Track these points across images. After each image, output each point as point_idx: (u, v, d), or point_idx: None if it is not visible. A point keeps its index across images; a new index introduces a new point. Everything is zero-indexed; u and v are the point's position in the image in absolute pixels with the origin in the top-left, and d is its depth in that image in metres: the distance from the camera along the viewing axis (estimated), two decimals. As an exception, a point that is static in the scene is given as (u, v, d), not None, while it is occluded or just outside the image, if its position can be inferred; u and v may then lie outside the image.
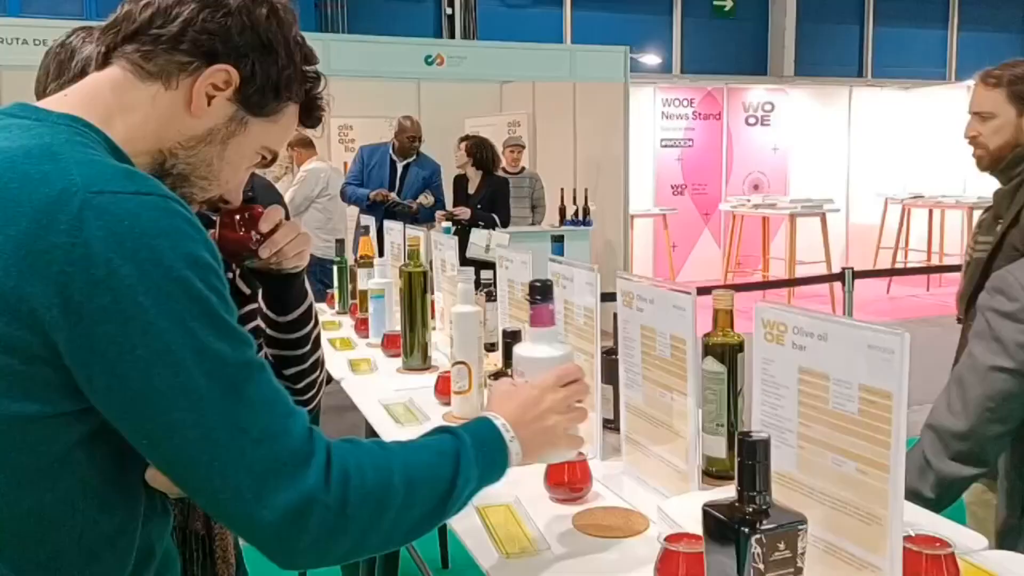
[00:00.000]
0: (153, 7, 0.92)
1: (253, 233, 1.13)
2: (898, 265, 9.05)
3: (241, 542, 1.41)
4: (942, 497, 1.46)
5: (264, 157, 1.03)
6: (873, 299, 8.43)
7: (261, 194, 5.13)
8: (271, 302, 1.22)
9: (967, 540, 1.12)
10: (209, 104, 0.93)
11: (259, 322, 1.25)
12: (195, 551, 1.19)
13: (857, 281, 4.84)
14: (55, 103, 0.91)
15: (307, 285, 1.24)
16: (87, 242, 0.75)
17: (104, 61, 0.94)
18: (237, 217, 1.13)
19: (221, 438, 0.79)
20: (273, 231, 1.14)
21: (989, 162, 2.08)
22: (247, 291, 1.27)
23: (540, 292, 1.15)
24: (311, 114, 1.05)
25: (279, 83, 0.97)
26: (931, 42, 12.86)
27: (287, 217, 1.18)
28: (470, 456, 0.95)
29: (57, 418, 0.79)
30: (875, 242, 9.63)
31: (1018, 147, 2.03)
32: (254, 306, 1.25)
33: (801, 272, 8.06)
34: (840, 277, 4.90)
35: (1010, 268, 1.52)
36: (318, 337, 1.28)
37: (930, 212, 9.23)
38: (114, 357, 0.76)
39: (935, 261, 8.90)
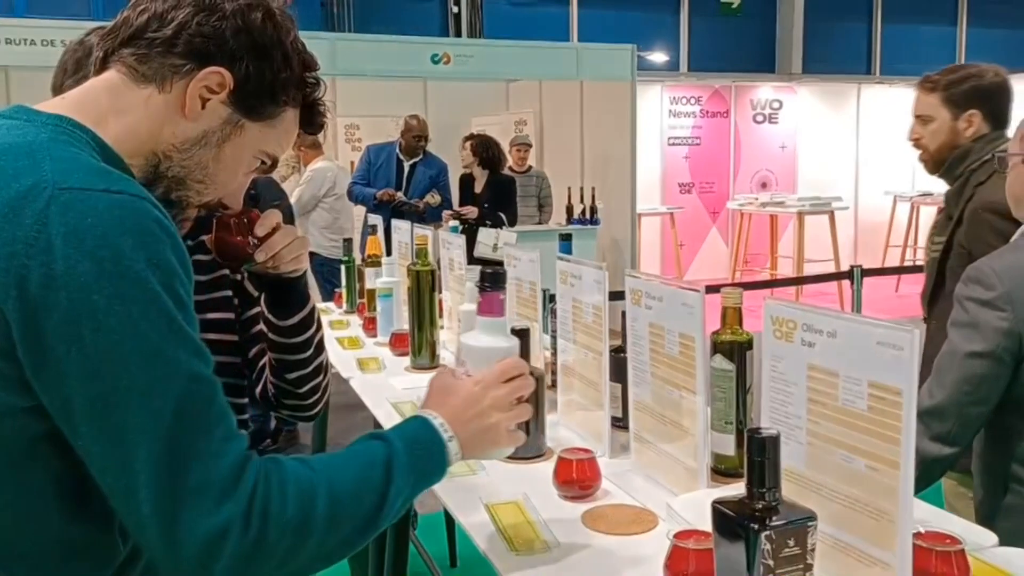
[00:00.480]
0: (149, 12, 0.92)
1: (250, 237, 1.14)
2: (907, 263, 9.01)
3: None
4: (919, 479, 1.48)
5: (263, 162, 1.03)
6: (882, 297, 8.40)
7: (264, 191, 5.14)
8: (272, 306, 1.23)
9: (977, 537, 1.12)
10: (204, 107, 0.93)
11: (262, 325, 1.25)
12: None
13: (866, 279, 4.83)
14: (52, 105, 0.92)
15: (308, 289, 1.25)
16: (49, 237, 0.75)
17: (102, 66, 0.95)
18: (234, 221, 1.14)
19: (153, 450, 0.77)
20: (270, 235, 1.15)
21: (932, 165, 2.19)
22: (255, 294, 1.27)
23: (491, 280, 1.10)
24: (312, 120, 1.05)
25: (275, 87, 0.97)
26: (940, 39, 12.80)
27: (292, 221, 1.19)
28: (402, 464, 0.92)
29: (20, 411, 0.79)
30: (884, 240, 9.60)
31: (956, 148, 2.12)
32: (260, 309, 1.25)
33: (809, 270, 8.04)
34: (849, 275, 4.89)
35: (985, 259, 1.59)
36: (321, 341, 1.28)
37: (938, 209, 9.18)
38: (61, 354, 0.76)
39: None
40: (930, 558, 1.00)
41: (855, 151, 10.30)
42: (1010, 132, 1.93)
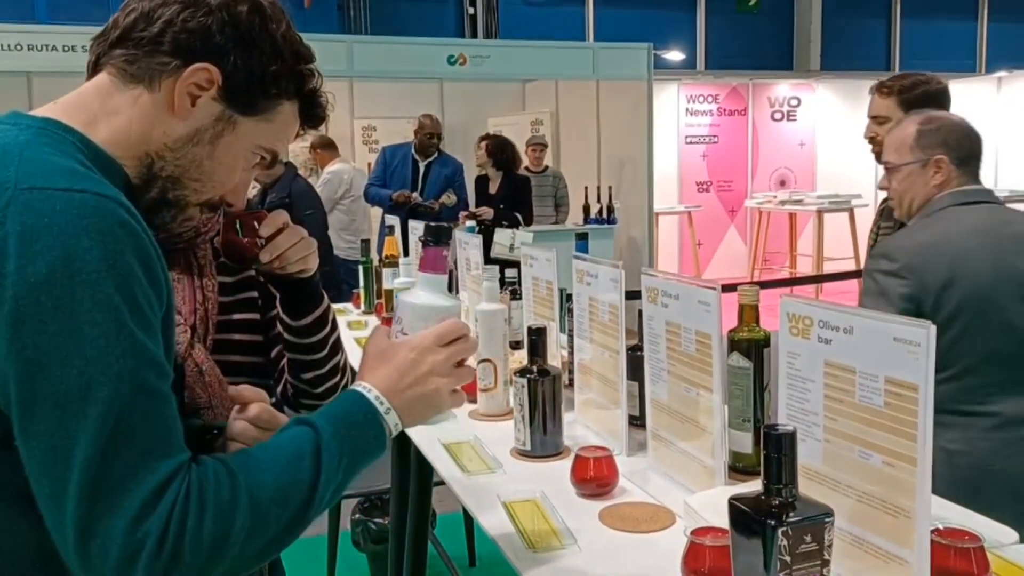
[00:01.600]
0: (136, 12, 0.92)
1: (258, 239, 1.14)
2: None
3: None
4: None
5: (263, 158, 1.01)
6: None
7: (298, 199, 5.14)
8: (285, 306, 1.23)
9: (997, 534, 1.12)
10: (193, 104, 0.92)
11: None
12: None
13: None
14: (46, 109, 0.92)
15: (321, 290, 1.24)
16: (5, 236, 0.75)
17: (95, 69, 0.94)
18: (240, 222, 1.14)
19: (84, 457, 0.75)
20: (276, 235, 1.15)
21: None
22: (276, 294, 1.28)
23: (434, 234, 1.03)
24: (311, 112, 1.03)
25: (265, 80, 0.95)
26: (960, 34, 12.67)
27: (325, 229, 1.19)
28: (332, 450, 0.88)
29: None
30: (903, 237, 9.49)
31: None
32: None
33: (829, 269, 7.98)
34: (868, 273, 4.84)
35: (889, 238, 1.98)
36: (337, 342, 1.28)
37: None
38: (4, 353, 0.75)
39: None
40: (949, 555, 1.00)
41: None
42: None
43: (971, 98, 9.69)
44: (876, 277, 1.85)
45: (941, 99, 2.43)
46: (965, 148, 1.97)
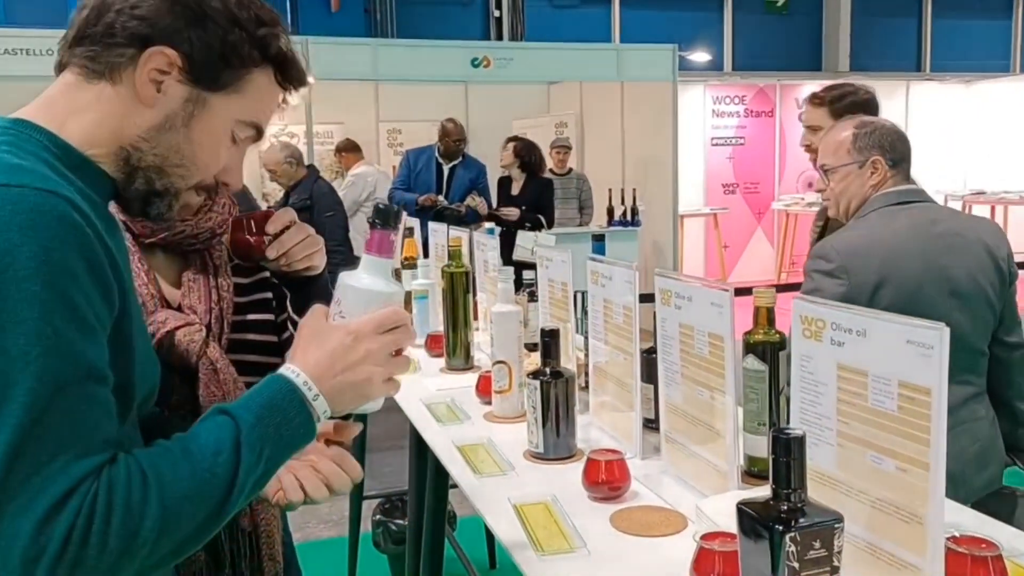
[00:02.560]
0: (88, 7, 0.92)
1: (265, 236, 1.15)
2: (959, 263, 8.78)
3: (294, 540, 1.42)
4: None
5: (252, 133, 0.99)
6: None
7: (319, 201, 5.16)
8: (294, 305, 1.24)
9: (1015, 541, 1.09)
10: (159, 91, 0.91)
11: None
12: (242, 547, 1.21)
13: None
14: (20, 111, 0.92)
15: (329, 289, 1.25)
16: None
17: (61, 70, 0.94)
18: (247, 220, 1.15)
19: None
20: (281, 233, 1.15)
21: None
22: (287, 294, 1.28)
23: (382, 216, 0.98)
24: (287, 74, 0.99)
25: (225, 51, 0.93)
26: (993, 33, 12.46)
27: (346, 231, 1.19)
28: (252, 440, 0.86)
29: None
30: (935, 240, 9.35)
31: None
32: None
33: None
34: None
35: (826, 239, 2.05)
36: None
37: (992, 208, 8.97)
38: None
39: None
40: (965, 563, 0.98)
41: (905, 149, 10.07)
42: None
43: (1004, 98, 9.55)
44: (813, 276, 1.96)
45: (868, 108, 2.57)
46: (899, 150, 2.06)
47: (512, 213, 5.60)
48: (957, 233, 1.98)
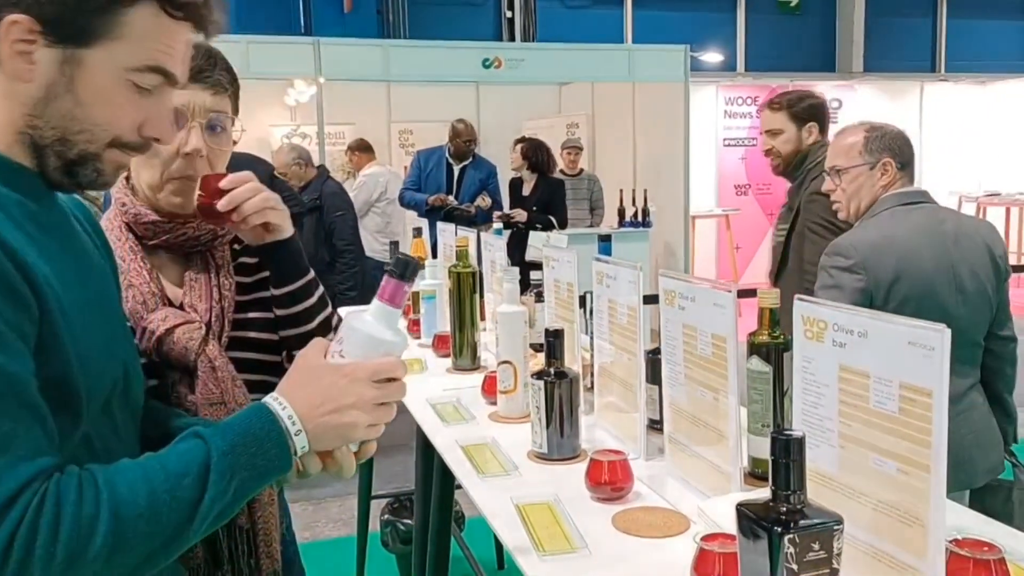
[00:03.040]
0: None
1: (220, 202, 1.16)
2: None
3: (303, 539, 1.44)
4: None
5: (158, 79, 0.91)
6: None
7: (328, 200, 5.18)
8: (272, 279, 1.25)
9: (1019, 544, 1.08)
10: (31, 62, 0.85)
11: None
12: (240, 545, 1.22)
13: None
14: None
15: (302, 260, 1.26)
16: None
17: None
18: (205, 181, 1.17)
19: None
20: (233, 191, 1.15)
21: (784, 167, 2.85)
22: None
23: (400, 267, 0.97)
24: (175, 4, 0.90)
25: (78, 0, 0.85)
26: (1008, 34, 12.35)
27: (356, 231, 1.19)
28: (223, 468, 0.85)
29: None
30: (949, 241, 9.30)
31: (799, 153, 2.80)
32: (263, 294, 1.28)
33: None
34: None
35: (842, 237, 2.15)
36: (328, 321, 1.29)
37: (1007, 210, 8.90)
38: None
39: (1014, 261, 8.56)
40: (968, 566, 0.97)
41: (918, 150, 9.94)
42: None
43: (1020, 98, 9.47)
44: (831, 272, 2.06)
45: (822, 111, 2.85)
46: (906, 154, 2.21)
47: (520, 215, 5.60)
48: (962, 232, 2.11)
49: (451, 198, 5.65)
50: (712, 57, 10.42)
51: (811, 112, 2.81)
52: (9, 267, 0.79)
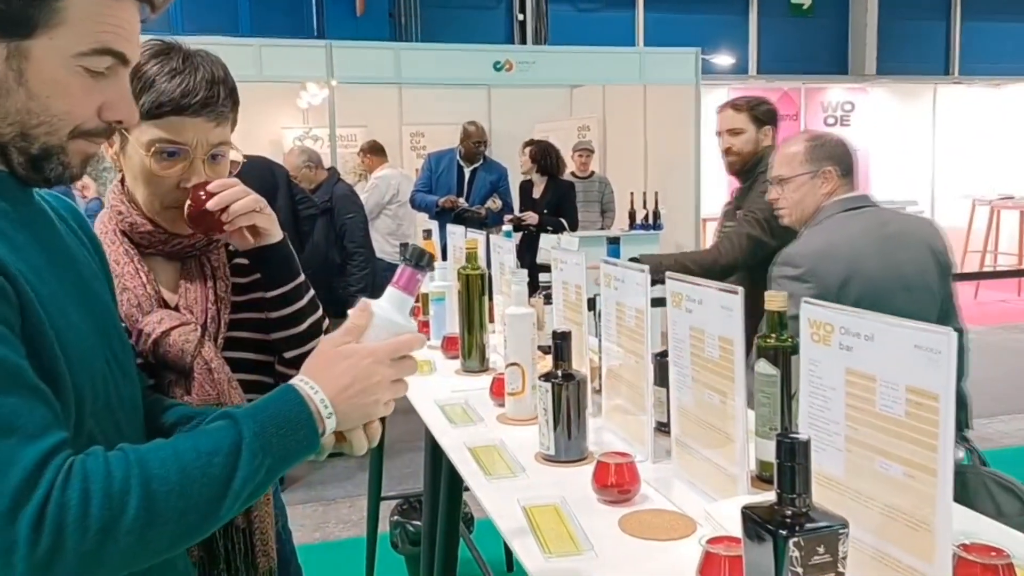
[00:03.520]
0: None
1: (207, 198, 1.18)
2: (987, 269, 8.67)
3: (313, 540, 1.47)
4: None
5: (109, 60, 0.89)
6: (960, 304, 8.10)
7: (339, 203, 5.20)
8: (262, 280, 1.28)
9: (1027, 550, 1.07)
10: None
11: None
12: (236, 544, 1.23)
13: (941, 285, 4.66)
14: None
15: (294, 264, 1.29)
16: None
17: None
18: (195, 189, 1.19)
19: None
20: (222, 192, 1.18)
21: (740, 166, 2.98)
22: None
23: (416, 256, 1.02)
24: None
25: None
26: (1023, 35, 12.29)
27: (366, 234, 1.21)
28: (255, 448, 0.87)
29: None
30: (962, 245, 9.26)
31: (756, 154, 2.92)
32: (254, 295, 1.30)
33: (882, 276, 7.79)
34: (920, 281, 4.73)
35: (789, 247, 2.21)
36: (318, 323, 1.31)
37: (1021, 213, 8.83)
38: None
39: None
40: (975, 571, 0.96)
41: (931, 153, 9.97)
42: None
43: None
44: (781, 282, 2.10)
45: (777, 117, 3.05)
46: (847, 161, 2.27)
47: (531, 217, 5.61)
48: (905, 232, 2.20)
49: (461, 200, 5.66)
50: (724, 60, 10.40)
51: (770, 116, 2.97)
52: None
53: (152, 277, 1.25)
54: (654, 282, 1.48)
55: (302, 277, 1.29)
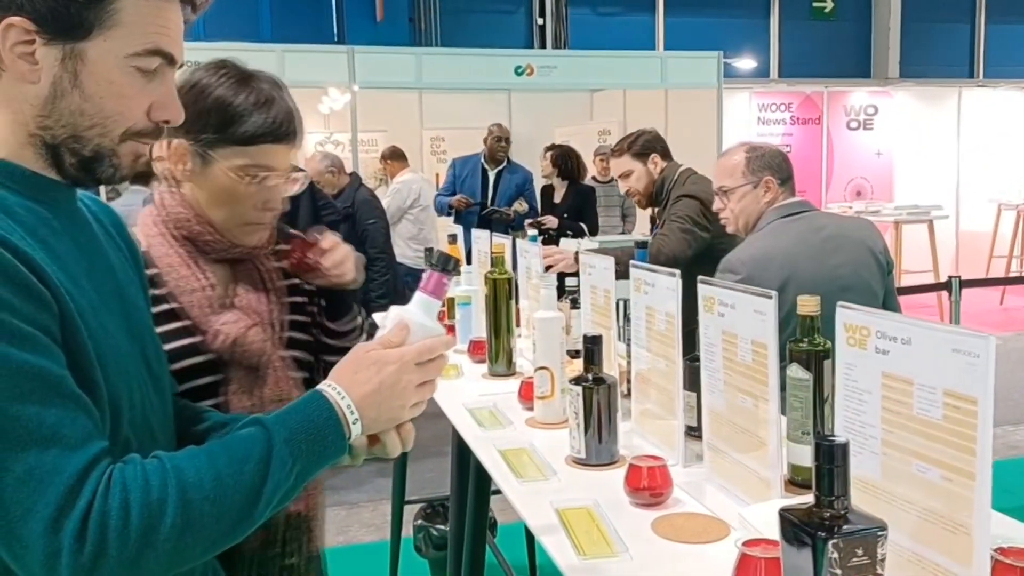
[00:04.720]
0: None
1: (318, 255, 1.35)
2: (1012, 274, 8.58)
3: (337, 543, 1.61)
4: None
5: (159, 61, 0.91)
6: (986, 310, 8.03)
7: (360, 209, 5.25)
8: (329, 313, 1.39)
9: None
10: (34, 62, 0.86)
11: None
12: (295, 529, 1.29)
13: (969, 291, 4.65)
14: None
15: (358, 299, 1.44)
16: None
17: None
18: (302, 245, 1.35)
19: None
20: (326, 251, 1.33)
21: (646, 201, 3.27)
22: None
23: (444, 261, 1.05)
24: None
25: None
26: (1049, 38, 12.15)
27: (388, 241, 1.34)
28: (284, 455, 0.89)
29: None
30: (988, 250, 9.17)
31: (654, 183, 3.19)
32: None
33: (907, 282, 7.73)
34: (947, 286, 4.70)
35: (730, 254, 2.33)
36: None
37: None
38: None
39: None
40: (1014, 575, 0.96)
41: (956, 157, 9.88)
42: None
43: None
44: None
45: (656, 140, 3.24)
46: (785, 170, 2.40)
47: (551, 221, 5.62)
48: (841, 235, 2.30)
49: (469, 198, 5.68)
50: (745, 63, 10.35)
51: (647, 146, 3.19)
52: (24, 271, 0.80)
53: (212, 281, 1.29)
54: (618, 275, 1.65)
55: (362, 317, 1.43)
